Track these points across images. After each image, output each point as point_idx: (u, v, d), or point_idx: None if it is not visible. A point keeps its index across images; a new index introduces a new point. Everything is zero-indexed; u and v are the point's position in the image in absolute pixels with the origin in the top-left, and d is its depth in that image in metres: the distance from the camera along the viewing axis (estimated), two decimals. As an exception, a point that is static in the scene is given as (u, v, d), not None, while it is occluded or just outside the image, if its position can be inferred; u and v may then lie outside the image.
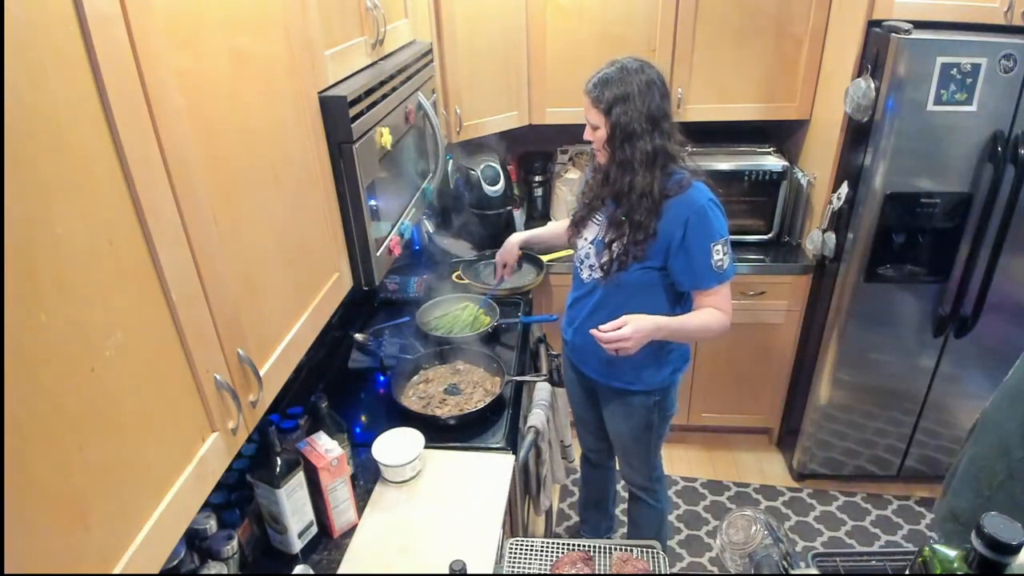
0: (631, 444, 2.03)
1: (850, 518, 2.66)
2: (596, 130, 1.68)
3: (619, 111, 1.61)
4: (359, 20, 1.43)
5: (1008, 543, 0.81)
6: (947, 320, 2.34)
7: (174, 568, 1.14)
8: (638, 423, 1.94)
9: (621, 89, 1.61)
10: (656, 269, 1.71)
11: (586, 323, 1.84)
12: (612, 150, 1.67)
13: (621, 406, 1.94)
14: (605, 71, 1.65)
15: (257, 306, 1.03)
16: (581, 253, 1.86)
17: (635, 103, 1.61)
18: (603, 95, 1.63)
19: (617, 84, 1.62)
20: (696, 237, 1.64)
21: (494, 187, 2.59)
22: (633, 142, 1.63)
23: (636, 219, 1.66)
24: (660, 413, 1.92)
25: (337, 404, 1.62)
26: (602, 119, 1.65)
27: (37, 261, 0.61)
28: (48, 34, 0.63)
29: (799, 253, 2.66)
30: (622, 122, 1.62)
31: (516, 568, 1.38)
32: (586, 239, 1.83)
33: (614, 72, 1.64)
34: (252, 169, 1.01)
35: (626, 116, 1.61)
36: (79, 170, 0.67)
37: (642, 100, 1.61)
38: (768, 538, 1.22)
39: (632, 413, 1.93)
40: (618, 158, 1.66)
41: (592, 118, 1.68)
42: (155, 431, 0.78)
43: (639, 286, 1.73)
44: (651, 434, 1.97)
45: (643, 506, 2.16)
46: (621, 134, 1.63)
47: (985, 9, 2.08)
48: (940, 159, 2.13)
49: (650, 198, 1.64)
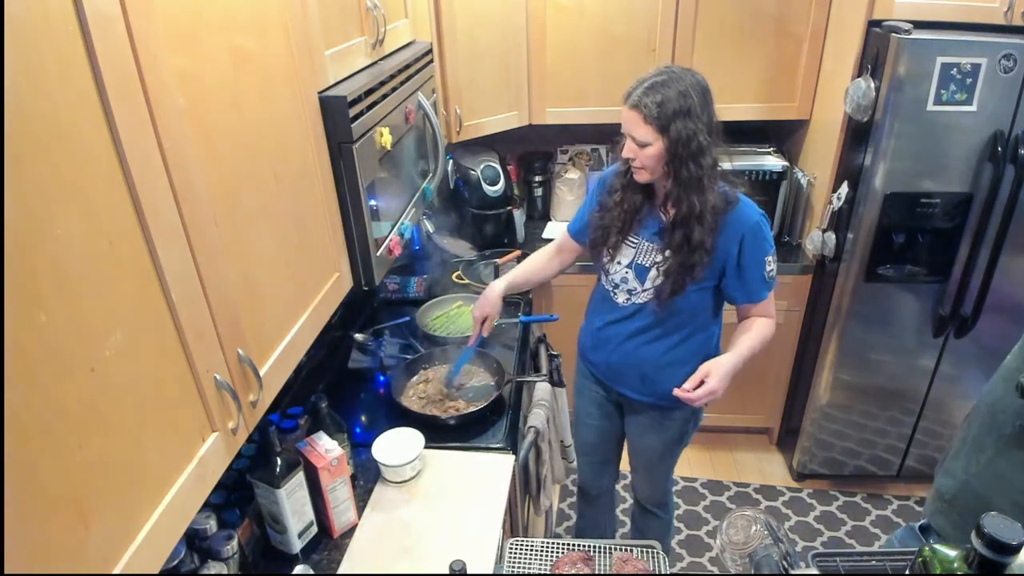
0: (658, 459, 1.96)
1: (850, 518, 2.66)
2: (645, 147, 1.49)
3: (681, 126, 1.45)
4: (359, 20, 1.43)
5: (1008, 543, 0.81)
6: (947, 320, 2.34)
7: (174, 568, 1.14)
8: (673, 436, 1.87)
9: (681, 101, 1.44)
10: (709, 289, 1.65)
11: (626, 345, 1.75)
12: (675, 169, 1.50)
13: (658, 421, 1.85)
14: (653, 79, 1.47)
15: (257, 306, 1.03)
16: (616, 278, 1.71)
17: (697, 115, 1.46)
18: (657, 108, 1.44)
19: (674, 95, 1.44)
20: (752, 253, 1.57)
21: (494, 187, 2.59)
22: (698, 159, 1.48)
23: (697, 239, 1.53)
24: (695, 422, 1.87)
25: (337, 404, 1.61)
26: (656, 135, 1.47)
27: (37, 261, 0.61)
28: (48, 34, 0.63)
29: (799, 253, 2.66)
30: (684, 137, 1.45)
31: (516, 568, 1.38)
32: (620, 263, 1.69)
33: (665, 80, 1.46)
34: (252, 169, 1.01)
35: (688, 131, 1.45)
36: (79, 170, 0.67)
37: (702, 109, 1.47)
38: (768, 538, 1.22)
39: (669, 427, 1.85)
40: (683, 177, 1.49)
41: (641, 134, 1.48)
42: (155, 431, 0.78)
43: (690, 309, 1.66)
44: (679, 447, 1.92)
45: (653, 519, 2.12)
46: (685, 151, 1.46)
47: (985, 9, 2.08)
48: (940, 159, 2.13)
49: (712, 216, 1.52)
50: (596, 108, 2.57)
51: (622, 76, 1.61)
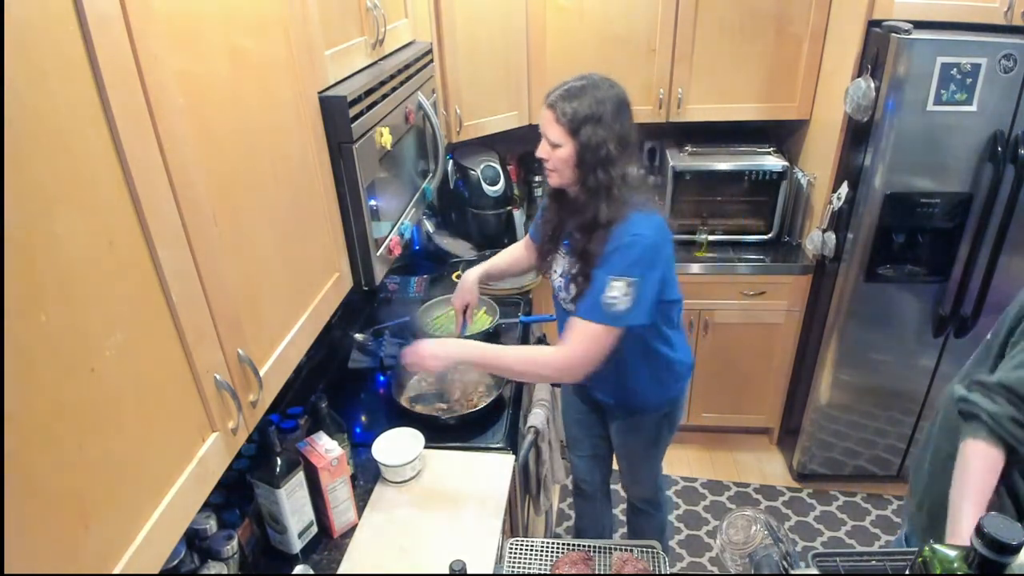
0: (639, 460, 1.98)
1: (850, 518, 2.66)
2: (556, 148, 1.50)
3: (591, 131, 1.45)
4: (359, 20, 1.43)
5: (1008, 543, 0.81)
6: (947, 320, 2.34)
7: (174, 568, 1.14)
8: (648, 438, 1.90)
9: (593, 107, 1.45)
10: None
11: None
12: (581, 174, 1.51)
13: (629, 423, 1.88)
14: (571, 83, 1.50)
15: (257, 306, 1.03)
16: (555, 285, 1.70)
17: (609, 124, 1.46)
18: (570, 110, 1.46)
19: (588, 100, 1.45)
20: (606, 266, 1.47)
21: (494, 187, 2.59)
22: (607, 168, 1.48)
23: (591, 248, 1.51)
24: (669, 425, 1.89)
25: (337, 404, 1.61)
26: (566, 137, 1.48)
27: (37, 261, 0.61)
28: (48, 34, 0.63)
29: (799, 253, 2.66)
30: (593, 144, 1.46)
31: (516, 568, 1.38)
32: (557, 272, 1.68)
33: (583, 86, 1.48)
34: (252, 169, 1.01)
35: (598, 138, 1.45)
36: (79, 170, 0.67)
37: (613, 120, 1.47)
38: (768, 538, 1.22)
39: (642, 428, 1.88)
40: (590, 184, 1.50)
41: (553, 135, 1.49)
42: (155, 431, 0.78)
43: None
44: (657, 449, 1.94)
45: (645, 517, 2.14)
46: (593, 158, 1.47)
47: (985, 9, 2.08)
48: (940, 159, 2.13)
49: (605, 228, 1.49)
50: (596, 108, 2.57)
51: (622, 76, 1.61)
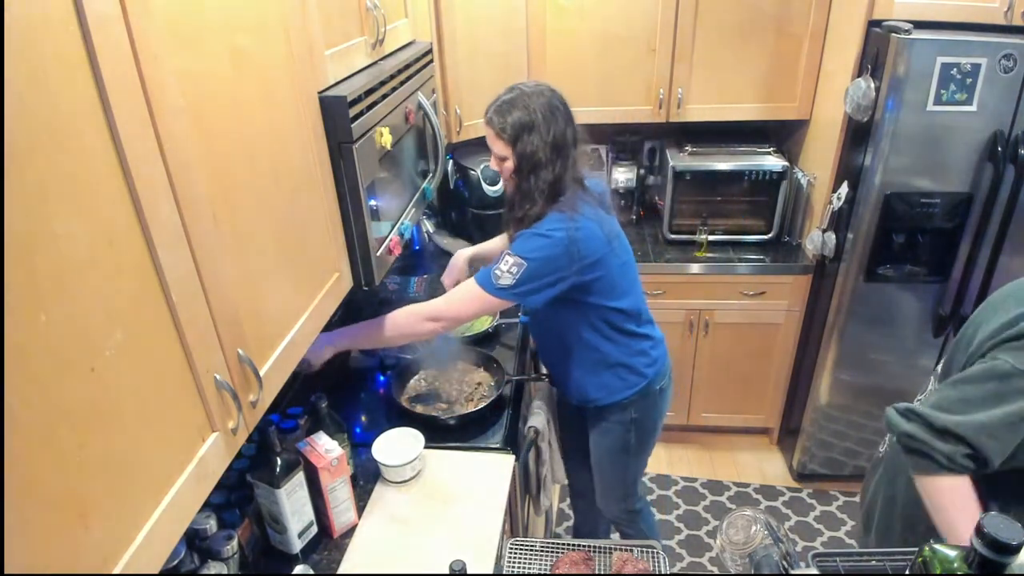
0: (607, 467, 1.94)
1: (850, 518, 2.66)
2: (504, 161, 1.58)
3: (527, 140, 1.52)
4: (359, 20, 1.43)
5: (1008, 543, 0.81)
6: (947, 320, 2.34)
7: (174, 568, 1.14)
8: (614, 442, 1.86)
9: (525, 116, 1.52)
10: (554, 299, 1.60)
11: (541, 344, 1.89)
12: (518, 180, 1.58)
13: (599, 424, 1.86)
14: (503, 97, 1.56)
15: (257, 306, 1.03)
16: None
17: (540, 131, 1.52)
18: (506, 124, 1.53)
19: (520, 111, 1.52)
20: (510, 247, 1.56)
21: (494, 187, 2.59)
22: (537, 172, 1.54)
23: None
24: (637, 433, 1.83)
25: (337, 404, 1.61)
26: (508, 149, 1.55)
27: (37, 261, 0.61)
28: (48, 34, 0.63)
29: (799, 253, 2.66)
30: (528, 152, 1.53)
31: (516, 568, 1.37)
32: None
33: (514, 98, 1.54)
34: (252, 169, 1.01)
35: (533, 146, 1.52)
36: (79, 170, 0.67)
37: (546, 126, 1.52)
38: (768, 538, 1.22)
39: (608, 430, 1.84)
40: (523, 188, 1.57)
41: (498, 149, 1.57)
42: (155, 431, 0.78)
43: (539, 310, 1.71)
44: (627, 458, 1.88)
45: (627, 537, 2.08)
46: (527, 164, 1.54)
47: (985, 9, 2.08)
48: (940, 159, 2.13)
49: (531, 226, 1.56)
50: (596, 108, 2.57)
51: (622, 76, 1.62)
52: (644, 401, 1.79)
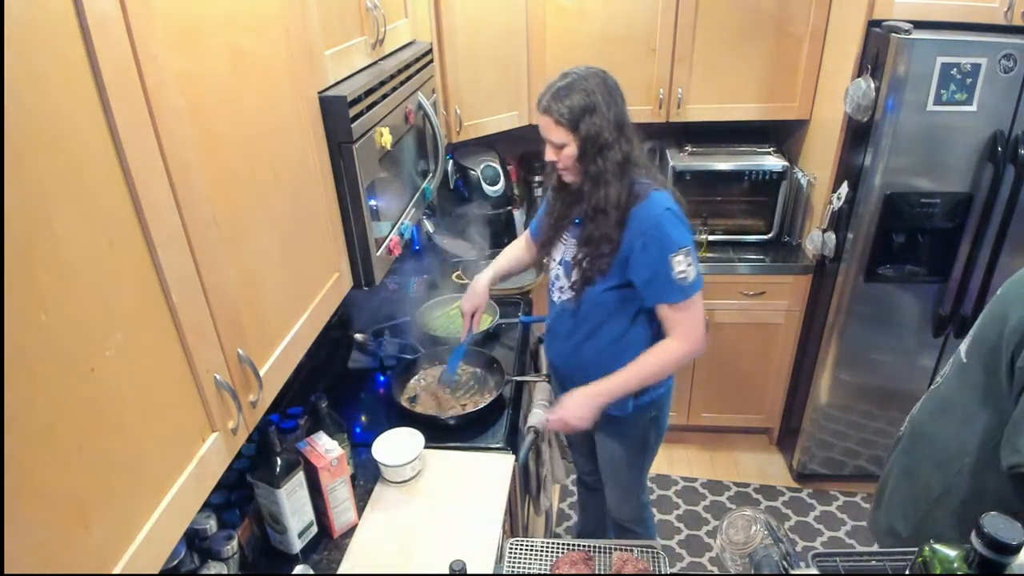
0: (624, 470, 1.92)
1: (850, 518, 2.66)
2: (562, 148, 1.55)
3: (589, 123, 1.50)
4: (359, 20, 1.43)
5: (1008, 543, 0.81)
6: (947, 320, 2.34)
7: (174, 568, 1.14)
8: (633, 444, 1.85)
9: (584, 99, 1.50)
10: (617, 288, 1.62)
11: (566, 344, 1.77)
12: (584, 165, 1.55)
13: (616, 430, 1.83)
14: (557, 84, 1.54)
15: (257, 306, 1.03)
16: (552, 275, 1.75)
17: (603, 112, 1.51)
18: (565, 110, 1.51)
19: (578, 94, 1.50)
20: (655, 248, 1.54)
21: (494, 187, 2.59)
22: (604, 153, 1.52)
23: (604, 232, 1.57)
24: (656, 430, 1.84)
25: (337, 404, 1.62)
26: (569, 135, 1.53)
27: (37, 261, 0.61)
28: (48, 34, 0.63)
29: (799, 253, 2.66)
30: (592, 134, 1.51)
31: (516, 568, 1.38)
32: (555, 260, 1.74)
33: (570, 83, 1.52)
34: (252, 169, 1.01)
35: (595, 127, 1.50)
36: (79, 170, 0.67)
37: (607, 106, 1.51)
38: (768, 538, 1.22)
39: (628, 434, 1.83)
40: (591, 172, 1.55)
41: (556, 137, 1.54)
42: (155, 431, 0.78)
43: (605, 307, 1.66)
44: (645, 456, 1.89)
45: (631, 537, 2.05)
46: (593, 147, 1.52)
47: (985, 9, 2.08)
48: (940, 159, 2.13)
49: (618, 209, 1.55)
50: (596, 108, 2.57)
51: (622, 76, 1.61)
52: (664, 398, 1.81)
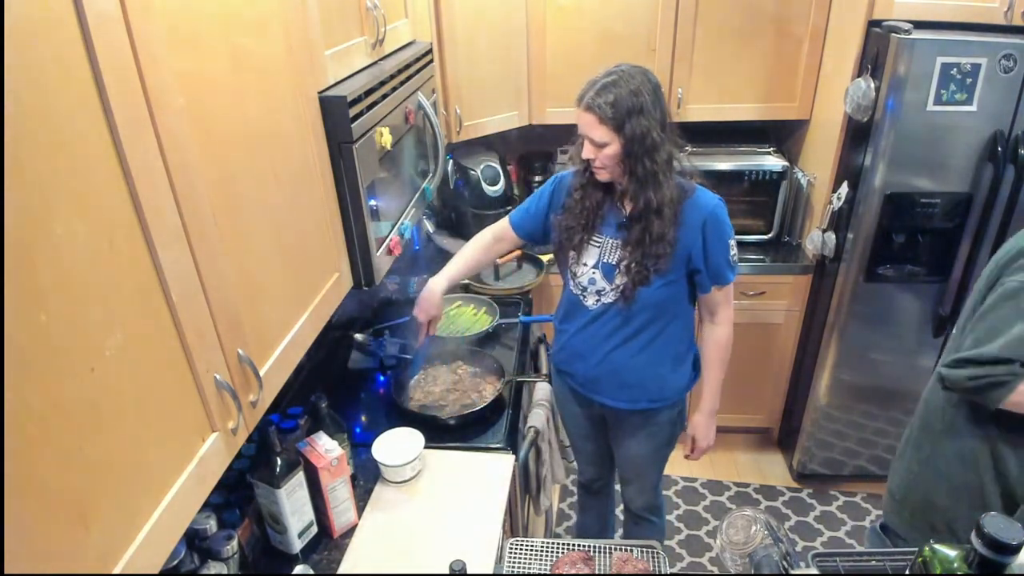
0: (648, 465, 1.92)
1: (850, 518, 2.66)
2: (603, 147, 1.51)
3: (635, 123, 1.47)
4: (359, 20, 1.43)
5: (1008, 543, 0.81)
6: (947, 320, 2.34)
7: (174, 568, 1.14)
8: (661, 440, 1.84)
9: (632, 99, 1.46)
10: (676, 282, 1.63)
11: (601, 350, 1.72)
12: (630, 165, 1.52)
13: (643, 427, 1.81)
14: (602, 80, 1.50)
15: (257, 306, 1.03)
16: (583, 280, 1.69)
17: (650, 111, 1.48)
18: (610, 108, 1.46)
19: (625, 92, 1.46)
20: (715, 237, 1.58)
21: (494, 187, 2.59)
22: (653, 154, 1.50)
23: (660, 231, 1.54)
24: (681, 422, 1.86)
25: (337, 404, 1.62)
26: (612, 134, 1.49)
27: (37, 261, 0.61)
28: (48, 34, 0.63)
29: (799, 253, 2.66)
30: (639, 134, 1.47)
31: (516, 568, 1.38)
32: (587, 264, 1.67)
33: (615, 80, 1.48)
34: (252, 169, 1.01)
35: (643, 128, 1.47)
36: (79, 170, 0.67)
37: (655, 108, 1.49)
38: (768, 538, 1.22)
39: (657, 431, 1.82)
40: (639, 174, 1.52)
41: (598, 135, 1.50)
42: (155, 431, 0.78)
43: (661, 302, 1.64)
44: (668, 450, 1.90)
45: (647, 526, 2.08)
46: (640, 148, 1.49)
47: (985, 9, 2.09)
48: (940, 159, 2.13)
49: (671, 207, 1.54)
50: (596, 108, 2.57)
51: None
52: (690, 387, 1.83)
